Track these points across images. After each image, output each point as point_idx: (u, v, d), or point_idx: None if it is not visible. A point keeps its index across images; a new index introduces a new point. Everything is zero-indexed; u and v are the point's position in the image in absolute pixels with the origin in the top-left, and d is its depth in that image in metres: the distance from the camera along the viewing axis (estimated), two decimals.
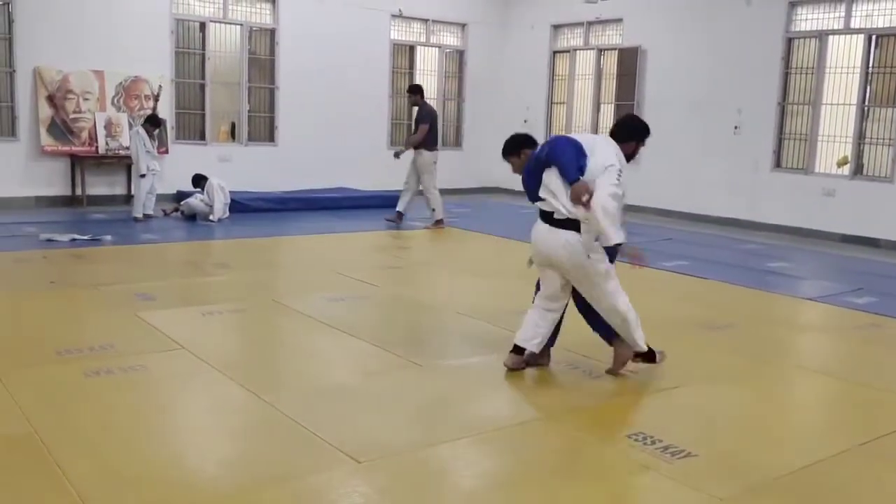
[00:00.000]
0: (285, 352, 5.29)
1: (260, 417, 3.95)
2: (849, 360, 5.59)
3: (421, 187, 10.95)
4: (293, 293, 6.74)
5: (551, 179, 4.45)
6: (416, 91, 11.20)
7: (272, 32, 13.11)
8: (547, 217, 4.48)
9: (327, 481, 3.27)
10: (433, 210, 10.91)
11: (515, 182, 4.92)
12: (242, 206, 11.33)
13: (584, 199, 4.17)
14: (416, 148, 10.88)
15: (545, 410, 4.12)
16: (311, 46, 13.28)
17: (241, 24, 12.81)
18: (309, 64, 13.27)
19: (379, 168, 14.06)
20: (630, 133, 4.72)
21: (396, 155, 11.22)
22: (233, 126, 13.39)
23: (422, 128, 10.77)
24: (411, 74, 14.84)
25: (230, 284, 7.04)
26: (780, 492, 3.31)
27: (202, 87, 12.65)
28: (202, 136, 12.66)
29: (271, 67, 13.22)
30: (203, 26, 12.52)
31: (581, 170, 4.30)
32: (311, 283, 7.21)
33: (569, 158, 4.33)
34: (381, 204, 12.52)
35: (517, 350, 4.67)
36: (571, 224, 4.36)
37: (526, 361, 4.69)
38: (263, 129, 13.39)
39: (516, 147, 5.01)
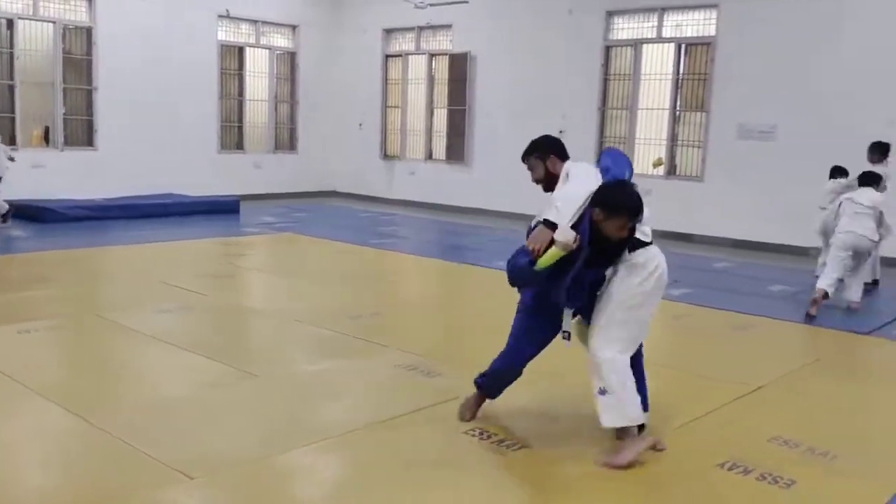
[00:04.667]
0: (110, 369, 4.99)
1: (84, 440, 3.71)
2: (668, 348, 5.95)
3: None
4: (118, 306, 6.39)
5: None
6: None
7: (88, 31, 12.38)
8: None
9: (158, 501, 3.12)
10: None
11: (353, 185, 4.85)
12: (59, 216, 10.63)
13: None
14: None
15: (384, 414, 4.12)
16: (133, 46, 12.64)
17: (54, 22, 12.01)
18: (130, 64, 12.63)
19: (208, 172, 13.64)
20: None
21: None
22: (46, 130, 12.53)
23: None
24: (240, 76, 14.47)
25: (48, 299, 6.57)
26: (603, 477, 3.48)
27: (11, 88, 11.76)
28: (13, 141, 11.74)
29: (88, 67, 12.48)
30: (11, 23, 11.66)
31: None
32: (137, 295, 6.86)
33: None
34: (212, 209, 12.15)
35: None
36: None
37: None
38: (81, 132, 12.62)
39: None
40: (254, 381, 4.64)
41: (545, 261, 3.35)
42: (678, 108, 11.83)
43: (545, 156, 3.96)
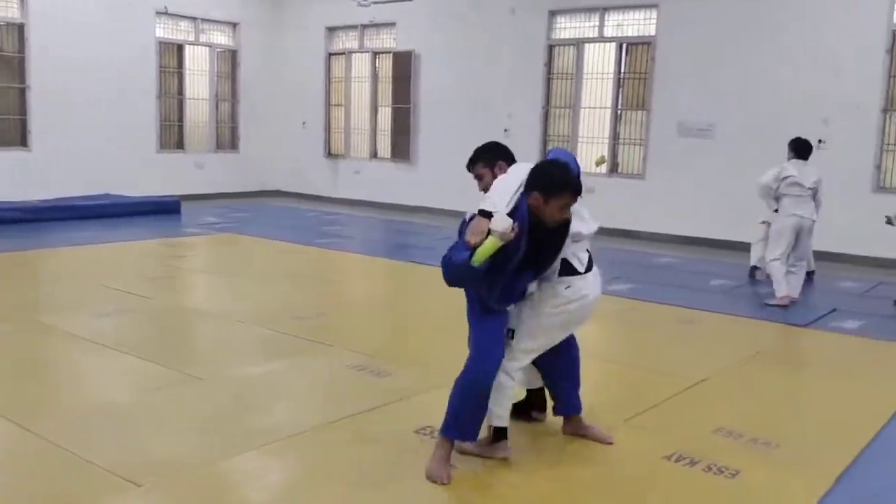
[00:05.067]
0: (50, 375, 4.85)
1: (23, 448, 3.59)
2: (614, 342, 6.03)
3: None
4: (56, 310, 6.22)
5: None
6: None
7: (20, 27, 12.01)
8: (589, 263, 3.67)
9: None
10: None
11: (297, 184, 4.74)
12: None
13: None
14: None
15: (334, 415, 4.08)
16: (68, 43, 12.31)
17: None
18: (66, 62, 12.29)
19: (148, 172, 13.36)
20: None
21: None
22: None
23: None
24: (180, 74, 14.20)
25: None
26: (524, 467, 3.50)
27: None
28: None
29: (21, 65, 12.11)
30: None
31: None
32: (76, 298, 6.67)
33: None
34: (154, 210, 11.90)
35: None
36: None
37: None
38: (13, 132, 12.23)
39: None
40: (198, 383, 4.55)
41: (482, 253, 3.13)
42: (620, 107, 11.99)
43: (493, 163, 3.72)
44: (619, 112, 11.99)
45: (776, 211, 7.56)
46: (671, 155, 11.34)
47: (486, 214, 3.22)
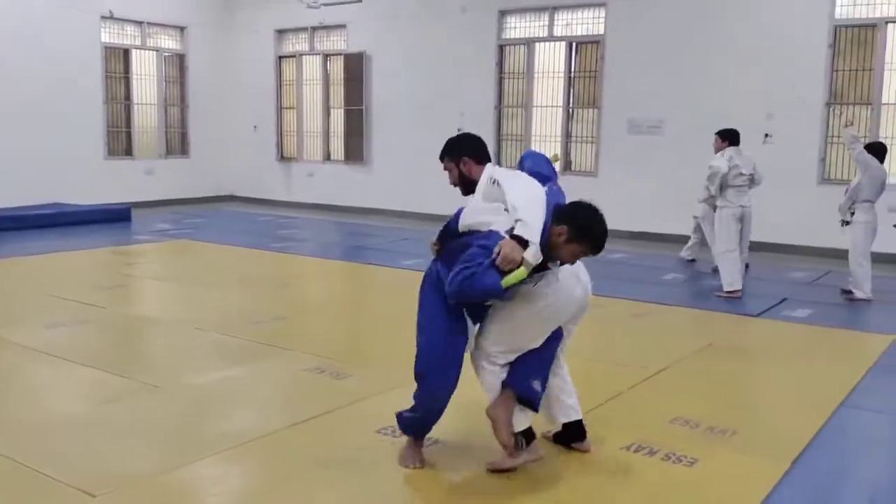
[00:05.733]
0: (1, 388, 4.72)
1: None
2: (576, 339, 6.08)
3: None
4: (5, 322, 6.05)
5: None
6: None
7: None
8: None
9: None
10: None
11: (250, 189, 4.68)
12: None
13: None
14: None
15: (294, 418, 4.04)
16: (10, 48, 12.02)
17: None
18: (8, 67, 12.00)
19: (96, 180, 13.12)
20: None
21: None
22: None
23: None
24: (127, 79, 13.96)
25: None
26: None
27: None
28: None
29: None
30: None
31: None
32: (25, 309, 6.52)
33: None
34: (104, 218, 11.68)
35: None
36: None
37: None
38: None
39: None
40: (155, 392, 4.48)
41: (510, 281, 3.03)
42: (571, 106, 12.10)
43: (457, 159, 3.64)
44: (570, 110, 12.10)
45: (710, 198, 7.76)
46: (622, 152, 11.48)
47: (520, 240, 3.05)
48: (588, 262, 3.43)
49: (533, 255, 3.05)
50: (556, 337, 3.50)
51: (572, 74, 12.01)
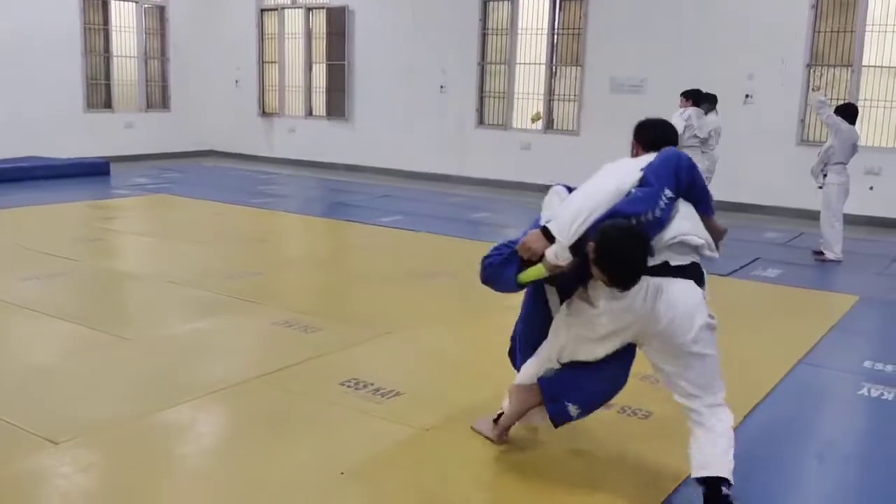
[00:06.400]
0: None
1: None
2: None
3: None
4: None
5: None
6: None
7: None
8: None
9: (22, 469, 3.04)
10: None
11: (231, 144, 4.68)
12: None
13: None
14: None
15: (259, 370, 4.09)
16: None
17: None
18: None
19: (75, 133, 12.99)
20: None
21: None
22: None
23: None
24: (106, 31, 13.75)
25: None
26: (473, 416, 3.60)
27: None
28: None
29: None
30: None
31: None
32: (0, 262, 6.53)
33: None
34: (82, 172, 11.60)
35: None
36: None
37: None
38: None
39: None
40: (126, 344, 4.52)
41: (527, 276, 2.89)
42: (554, 63, 12.04)
43: (634, 140, 3.21)
44: (553, 68, 12.05)
45: None
46: (605, 111, 11.45)
47: (548, 234, 2.82)
48: None
49: (554, 253, 2.77)
50: (618, 365, 3.05)
51: (556, 31, 11.94)
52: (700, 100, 7.96)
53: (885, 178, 9.79)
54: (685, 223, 2.86)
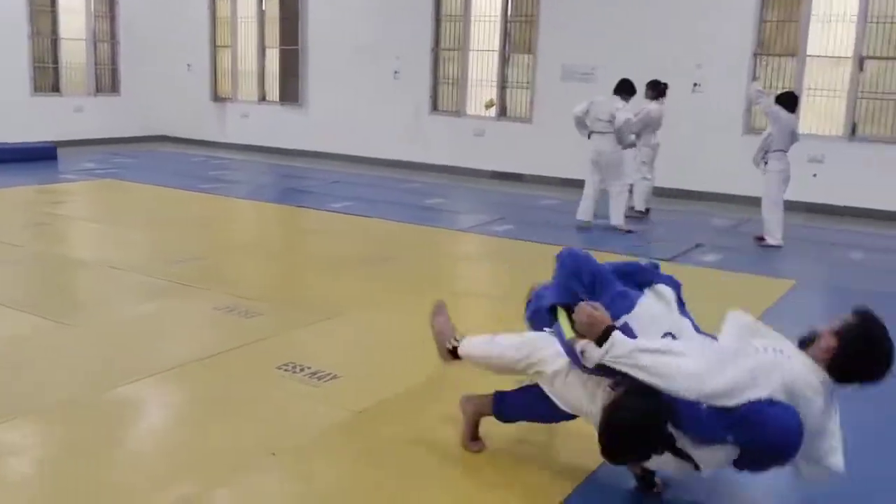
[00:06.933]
0: None
1: None
2: (490, 280, 6.24)
3: None
4: None
5: None
6: None
7: None
8: None
9: None
10: None
11: (183, 129, 4.68)
12: None
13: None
14: None
15: (199, 354, 4.11)
16: None
17: None
18: None
19: (21, 117, 12.73)
20: None
21: None
22: None
23: None
24: (53, 13, 13.48)
25: None
26: (407, 400, 3.66)
27: None
28: None
29: None
30: None
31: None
32: None
33: None
34: (28, 157, 11.40)
35: None
36: None
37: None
38: None
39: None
40: (67, 330, 4.50)
41: (562, 319, 2.88)
42: (507, 50, 12.10)
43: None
44: (506, 55, 12.11)
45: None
46: (556, 98, 11.51)
47: (606, 334, 2.68)
48: (515, 209, 3.54)
49: (593, 351, 2.68)
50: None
51: (509, 18, 11.99)
52: (622, 87, 8.51)
53: (827, 165, 10.02)
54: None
